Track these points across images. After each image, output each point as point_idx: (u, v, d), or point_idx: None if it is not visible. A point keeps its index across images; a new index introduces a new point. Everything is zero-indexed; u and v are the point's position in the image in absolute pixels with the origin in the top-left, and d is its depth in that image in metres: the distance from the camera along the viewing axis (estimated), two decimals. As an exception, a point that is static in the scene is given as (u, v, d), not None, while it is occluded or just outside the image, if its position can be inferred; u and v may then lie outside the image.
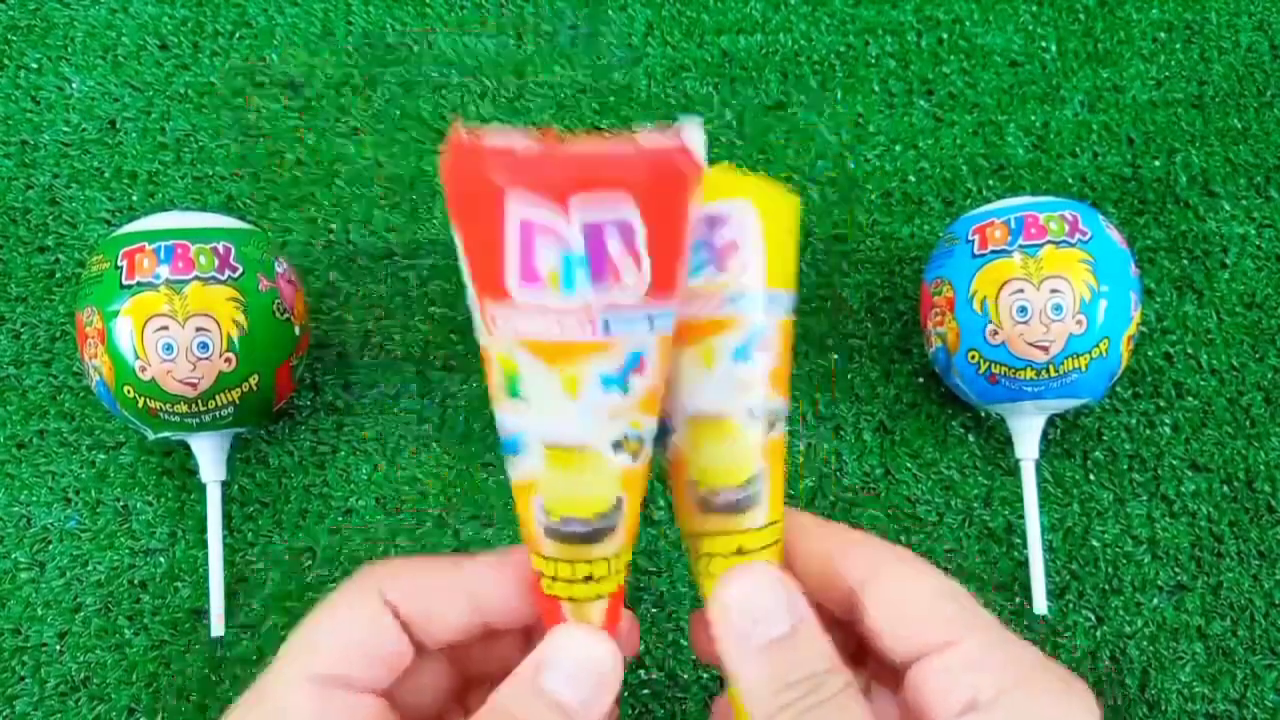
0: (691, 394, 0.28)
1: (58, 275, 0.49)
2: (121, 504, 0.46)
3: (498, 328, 0.24)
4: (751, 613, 0.25)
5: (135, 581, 0.46)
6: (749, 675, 0.25)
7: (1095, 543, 0.46)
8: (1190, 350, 0.48)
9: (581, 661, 0.25)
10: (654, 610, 0.46)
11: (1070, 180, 0.51)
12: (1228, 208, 0.50)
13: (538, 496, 0.25)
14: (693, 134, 0.22)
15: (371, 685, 0.25)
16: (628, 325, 0.23)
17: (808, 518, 0.29)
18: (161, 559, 0.46)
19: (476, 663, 0.29)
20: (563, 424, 0.24)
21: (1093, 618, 0.46)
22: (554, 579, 0.25)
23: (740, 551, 0.27)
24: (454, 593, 0.27)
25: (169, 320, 0.40)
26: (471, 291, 0.24)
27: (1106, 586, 0.46)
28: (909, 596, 0.26)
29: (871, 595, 0.26)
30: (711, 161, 0.25)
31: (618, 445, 0.24)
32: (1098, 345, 0.41)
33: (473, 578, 0.27)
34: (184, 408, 0.41)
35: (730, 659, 0.25)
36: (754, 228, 0.27)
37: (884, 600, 0.26)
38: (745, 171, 0.27)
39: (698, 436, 0.28)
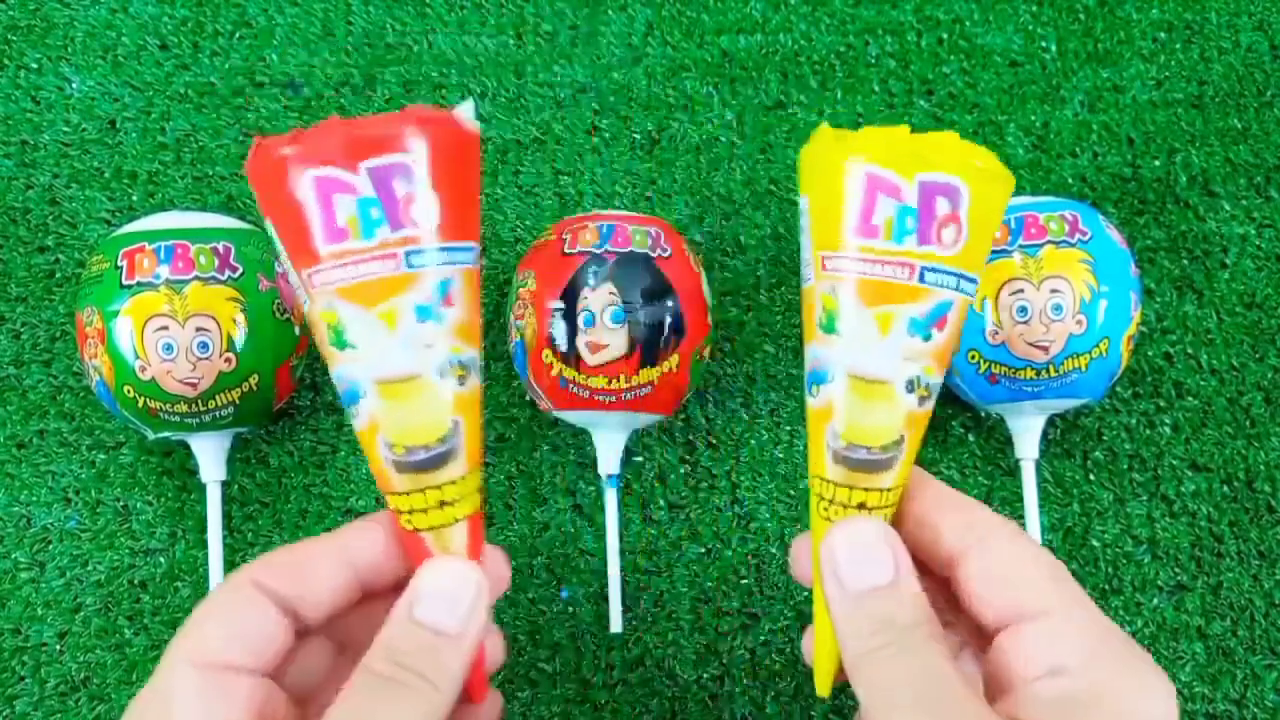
0: (859, 353, 0.30)
1: (58, 275, 0.49)
2: (121, 504, 0.46)
3: (315, 287, 0.28)
4: (858, 560, 0.28)
5: (135, 581, 0.46)
6: (848, 615, 0.27)
7: (1095, 543, 0.46)
8: (1190, 350, 0.48)
9: (449, 586, 0.27)
10: (654, 610, 0.46)
11: (1070, 180, 0.51)
12: (1228, 208, 0.50)
13: (380, 434, 0.28)
14: (463, 111, 0.28)
15: (254, 667, 0.27)
16: (427, 260, 0.27)
17: (922, 474, 0.31)
18: (161, 559, 0.46)
19: (358, 634, 0.30)
20: (389, 358, 0.27)
21: (1093, 618, 0.46)
22: (411, 512, 0.28)
23: (862, 506, 0.30)
24: (327, 560, 0.28)
25: (169, 320, 0.40)
26: (291, 274, 0.28)
27: (1106, 586, 0.46)
28: (1010, 564, 0.28)
29: (973, 559, 0.28)
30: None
31: (443, 371, 0.28)
32: (1098, 345, 0.41)
33: (343, 542, 0.29)
34: (184, 408, 0.41)
35: (833, 599, 0.28)
36: (967, 204, 0.29)
37: (985, 565, 0.28)
38: (975, 145, 0.29)
39: (854, 394, 0.30)
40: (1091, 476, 0.47)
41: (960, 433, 0.48)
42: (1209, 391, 0.48)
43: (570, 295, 0.39)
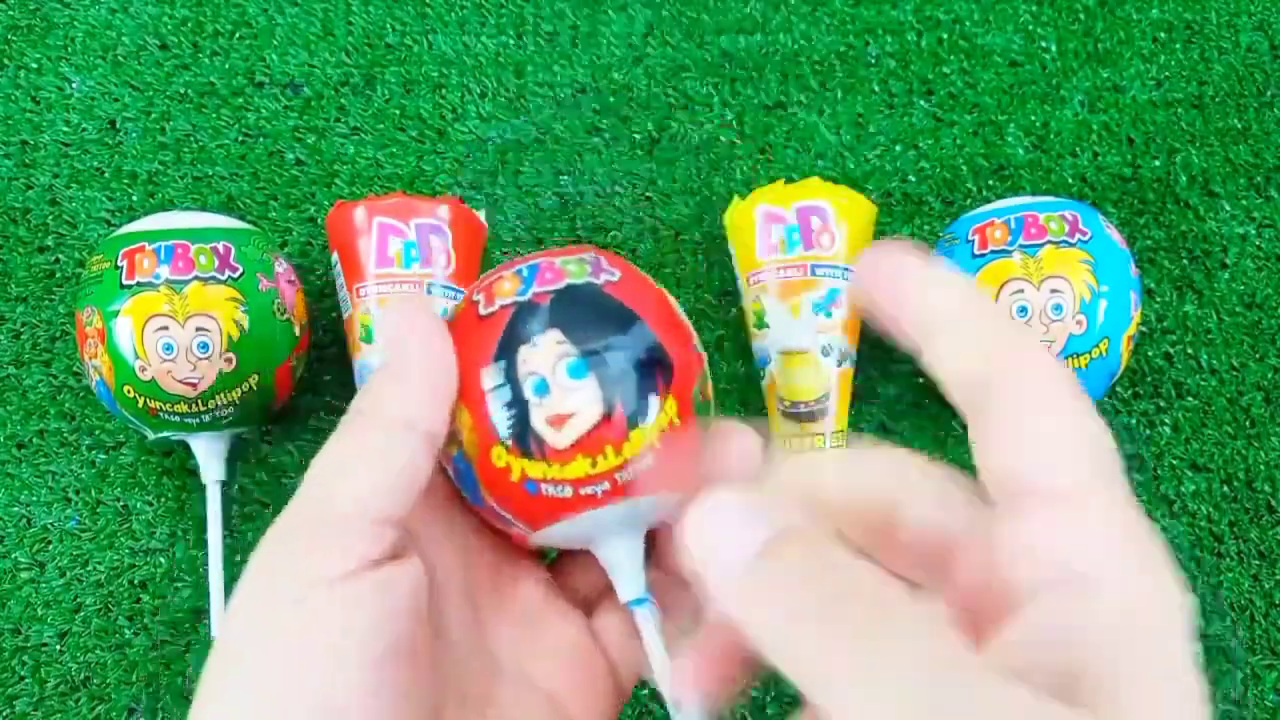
0: (784, 335, 0.43)
1: (58, 275, 0.49)
2: (121, 504, 0.46)
3: (361, 298, 0.43)
4: (721, 532, 0.19)
5: (135, 581, 0.46)
6: (747, 607, 0.19)
7: (1095, 543, 0.46)
8: (1190, 350, 0.48)
9: (391, 315, 0.26)
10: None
11: (1070, 180, 0.51)
12: (1228, 208, 0.50)
13: None
14: (479, 213, 0.45)
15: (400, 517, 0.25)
16: (437, 291, 0.43)
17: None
18: (161, 559, 0.46)
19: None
20: None
21: (1093, 618, 0.46)
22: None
23: (813, 449, 0.37)
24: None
25: (169, 320, 0.40)
26: (344, 292, 0.44)
27: (1106, 586, 0.46)
28: (1047, 423, 0.20)
29: (1004, 402, 0.20)
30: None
31: None
32: (1098, 345, 0.41)
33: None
34: (184, 408, 0.41)
35: (723, 601, 0.19)
36: (834, 218, 0.43)
37: (1016, 417, 0.20)
38: (833, 184, 0.44)
39: (786, 365, 0.43)
40: (1091, 476, 0.47)
41: (960, 433, 0.48)
42: (1209, 391, 0.48)
43: (504, 363, 0.26)
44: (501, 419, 0.26)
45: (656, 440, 0.27)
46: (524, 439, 0.26)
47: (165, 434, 0.43)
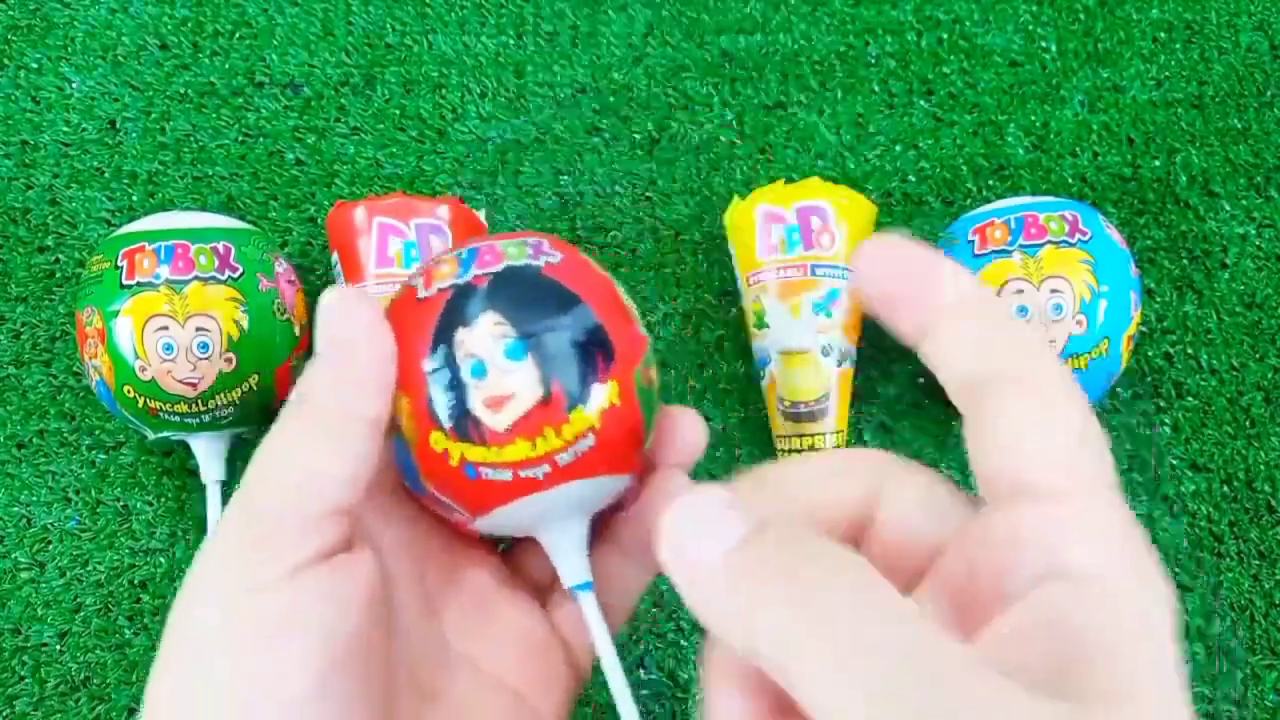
0: (784, 335, 0.43)
1: (58, 275, 0.49)
2: (121, 504, 0.46)
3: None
4: (696, 529, 0.19)
5: (135, 581, 0.46)
6: (716, 606, 0.19)
7: (1095, 543, 0.46)
8: (1190, 350, 0.48)
9: (329, 305, 0.25)
10: (654, 610, 0.46)
11: (1070, 180, 0.51)
12: (1228, 208, 0.50)
13: None
14: (479, 213, 0.46)
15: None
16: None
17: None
18: (161, 559, 0.46)
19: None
20: None
21: (1093, 618, 0.46)
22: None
23: (813, 448, 0.38)
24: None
25: (169, 320, 0.40)
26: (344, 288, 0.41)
27: (1106, 586, 0.46)
28: (1044, 423, 0.20)
29: (1001, 400, 0.20)
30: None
31: None
32: (1098, 345, 0.41)
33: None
34: (184, 408, 0.41)
35: (698, 597, 0.19)
36: (834, 218, 0.43)
37: (1013, 415, 0.20)
38: (833, 184, 0.44)
39: (787, 365, 0.43)
40: (1091, 476, 0.47)
41: (960, 433, 0.48)
42: (1209, 391, 0.48)
43: (442, 346, 0.26)
44: (440, 403, 0.26)
45: (597, 422, 0.26)
46: (462, 422, 0.25)
47: (165, 434, 0.43)
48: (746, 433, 0.47)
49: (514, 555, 0.31)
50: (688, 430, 0.28)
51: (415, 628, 0.27)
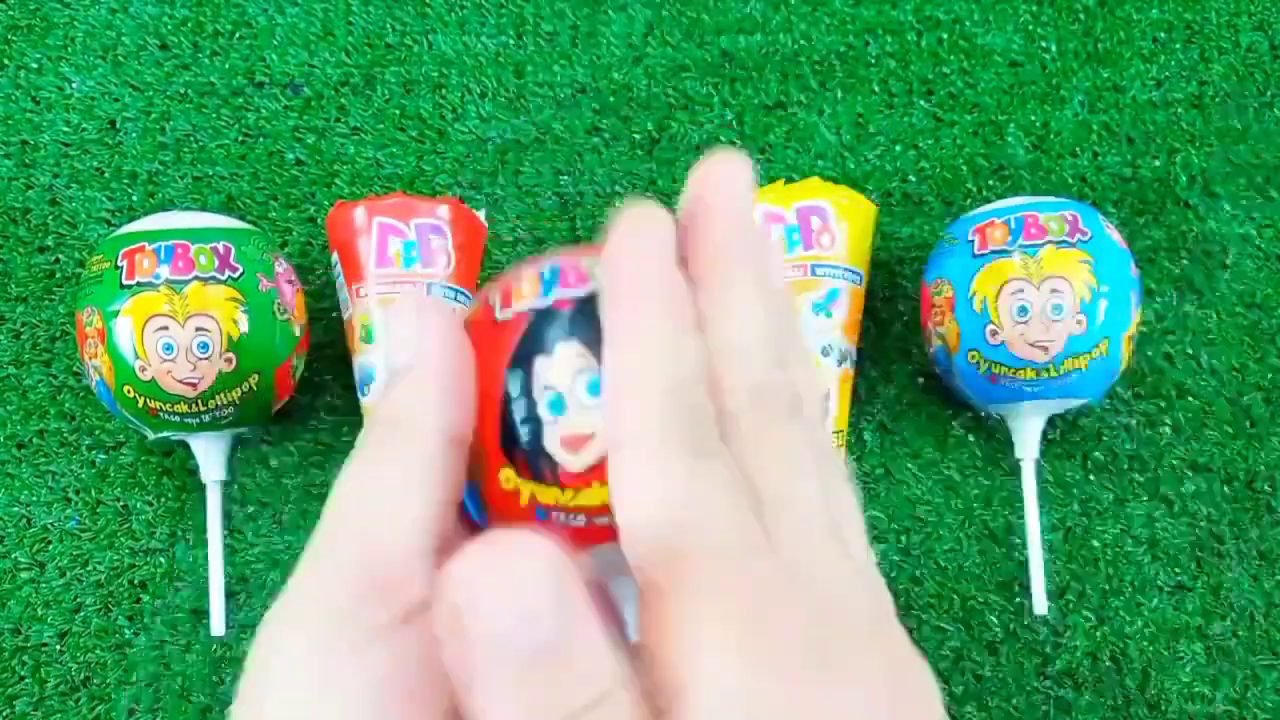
0: None
1: (58, 275, 0.49)
2: (121, 504, 0.46)
3: (360, 298, 0.44)
4: (500, 609, 0.17)
5: (135, 581, 0.46)
6: (499, 711, 0.17)
7: (1095, 543, 0.46)
8: (1190, 350, 0.48)
9: (395, 323, 0.23)
10: (654, 610, 0.46)
11: (1070, 180, 0.51)
12: (1228, 208, 0.50)
13: None
14: (479, 213, 0.46)
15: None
16: (437, 291, 0.44)
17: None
18: (161, 559, 0.46)
19: None
20: None
21: (1093, 618, 0.46)
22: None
23: None
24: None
25: (169, 320, 0.40)
26: (344, 292, 0.45)
27: (1106, 587, 0.46)
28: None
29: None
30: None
31: None
32: (1098, 345, 0.41)
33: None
34: (184, 408, 0.41)
35: (471, 678, 0.18)
36: (834, 218, 0.43)
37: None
38: (833, 184, 0.44)
39: None
40: (1091, 477, 0.47)
41: (960, 433, 0.48)
42: (1209, 392, 0.48)
43: (519, 375, 0.23)
44: (511, 437, 0.23)
45: None
46: (535, 461, 0.23)
47: (165, 434, 0.43)
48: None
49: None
50: None
51: None
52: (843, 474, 0.21)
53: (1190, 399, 0.48)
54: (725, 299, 0.21)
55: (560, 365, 0.23)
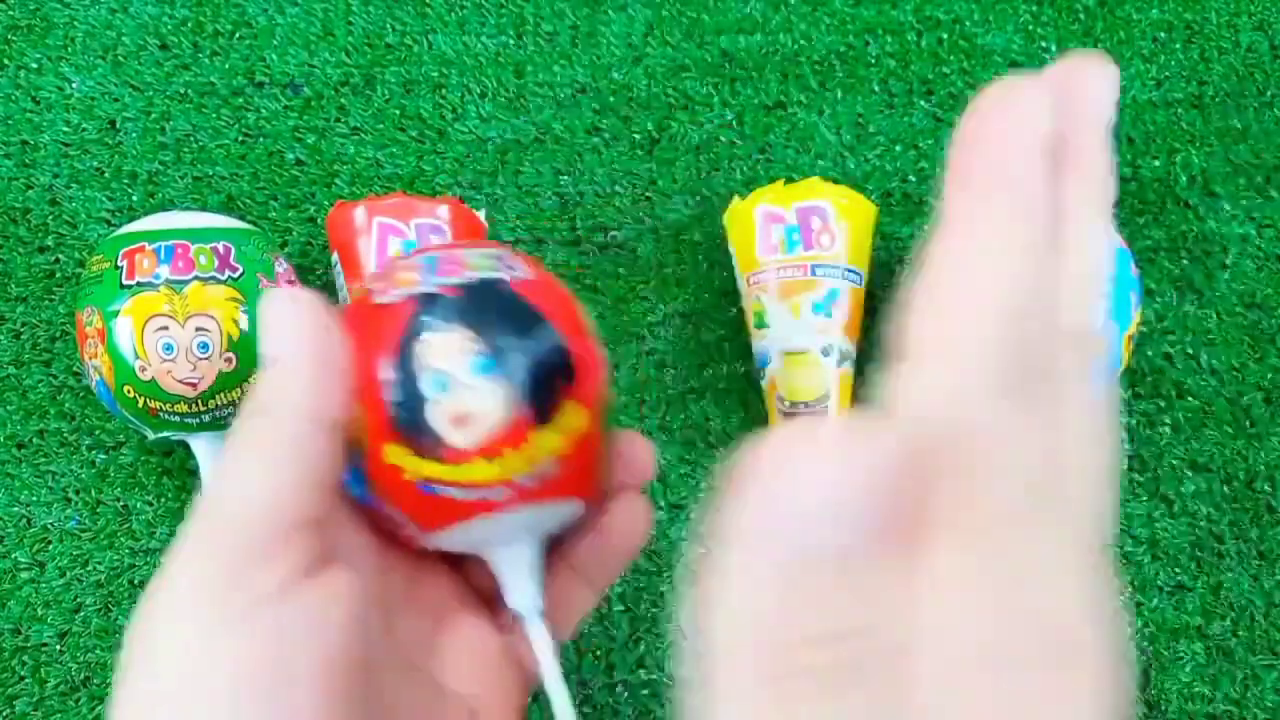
0: (784, 335, 0.43)
1: (58, 275, 0.49)
2: (121, 504, 0.46)
3: (354, 293, 0.43)
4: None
5: (136, 582, 0.46)
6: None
7: (1095, 543, 0.46)
8: (1190, 350, 0.48)
9: (274, 315, 0.24)
10: (654, 610, 0.46)
11: (1070, 180, 0.51)
12: (1228, 208, 0.50)
13: None
14: (479, 213, 0.45)
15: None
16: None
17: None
18: (161, 559, 0.46)
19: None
20: None
21: (1093, 618, 0.46)
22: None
23: None
24: None
25: (169, 320, 0.40)
26: (344, 292, 0.44)
27: (1106, 586, 0.46)
28: None
29: None
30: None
31: None
32: (1098, 345, 0.41)
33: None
34: (184, 408, 0.41)
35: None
36: (834, 218, 0.43)
37: None
38: (833, 184, 0.44)
39: (787, 365, 0.43)
40: (1091, 476, 0.47)
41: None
42: (1209, 391, 0.48)
43: (404, 356, 0.24)
44: (397, 414, 0.24)
45: (560, 445, 0.25)
46: (420, 437, 0.24)
47: (165, 434, 0.43)
48: (747, 433, 0.48)
49: (468, 568, 0.30)
50: (639, 453, 0.29)
51: (375, 641, 0.26)
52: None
53: (1190, 399, 0.48)
54: (1078, 221, 0.18)
55: (446, 346, 0.24)
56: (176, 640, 0.21)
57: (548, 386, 0.25)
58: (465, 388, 0.24)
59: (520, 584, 0.27)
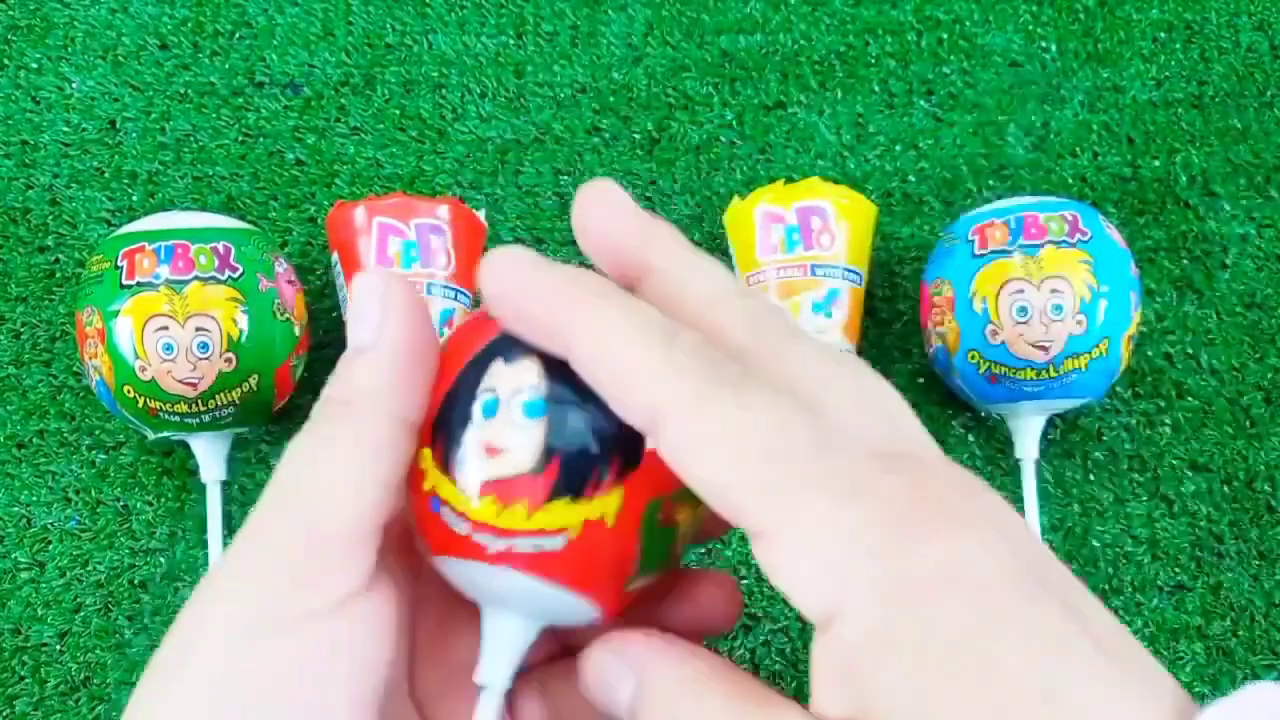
0: None
1: (58, 275, 0.49)
2: (121, 504, 0.46)
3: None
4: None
5: (135, 581, 0.46)
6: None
7: (1095, 543, 0.46)
8: (1190, 350, 0.48)
9: (359, 297, 0.22)
10: (654, 610, 0.46)
11: (1070, 180, 0.51)
12: (1228, 208, 0.50)
13: None
14: (479, 213, 0.46)
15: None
16: (437, 291, 0.44)
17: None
18: (161, 559, 0.46)
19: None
20: None
21: (1093, 618, 0.46)
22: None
23: None
24: None
25: (169, 320, 0.40)
26: (344, 292, 0.45)
27: (1106, 586, 0.46)
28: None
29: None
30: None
31: None
32: (1098, 345, 0.41)
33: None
34: (184, 408, 0.41)
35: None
36: (834, 218, 0.43)
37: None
38: (833, 184, 0.44)
39: None
40: (1091, 476, 0.47)
41: (960, 433, 0.48)
42: (1209, 391, 0.48)
43: (475, 369, 0.23)
44: (440, 419, 0.23)
45: (576, 526, 0.22)
46: (450, 450, 0.23)
47: (165, 434, 0.43)
48: (746, 433, 0.47)
49: None
50: (718, 600, 0.25)
51: (400, 679, 0.24)
52: (868, 368, 0.21)
53: (1190, 399, 0.48)
54: (669, 267, 0.21)
55: (514, 375, 0.23)
56: (212, 647, 0.19)
57: (592, 458, 0.22)
58: (509, 422, 0.22)
59: (494, 654, 0.24)
